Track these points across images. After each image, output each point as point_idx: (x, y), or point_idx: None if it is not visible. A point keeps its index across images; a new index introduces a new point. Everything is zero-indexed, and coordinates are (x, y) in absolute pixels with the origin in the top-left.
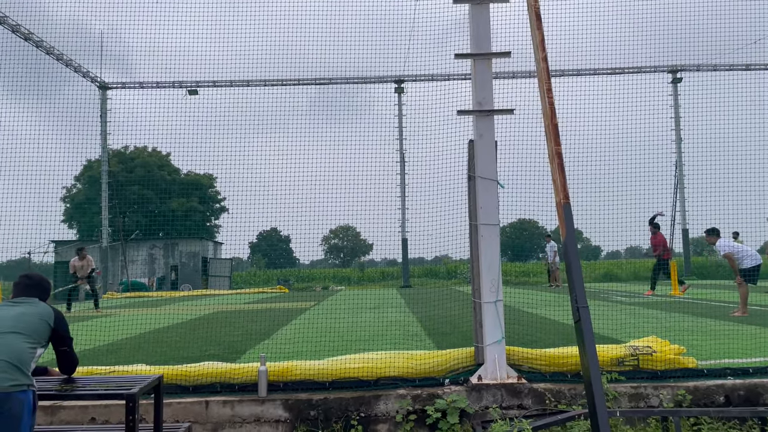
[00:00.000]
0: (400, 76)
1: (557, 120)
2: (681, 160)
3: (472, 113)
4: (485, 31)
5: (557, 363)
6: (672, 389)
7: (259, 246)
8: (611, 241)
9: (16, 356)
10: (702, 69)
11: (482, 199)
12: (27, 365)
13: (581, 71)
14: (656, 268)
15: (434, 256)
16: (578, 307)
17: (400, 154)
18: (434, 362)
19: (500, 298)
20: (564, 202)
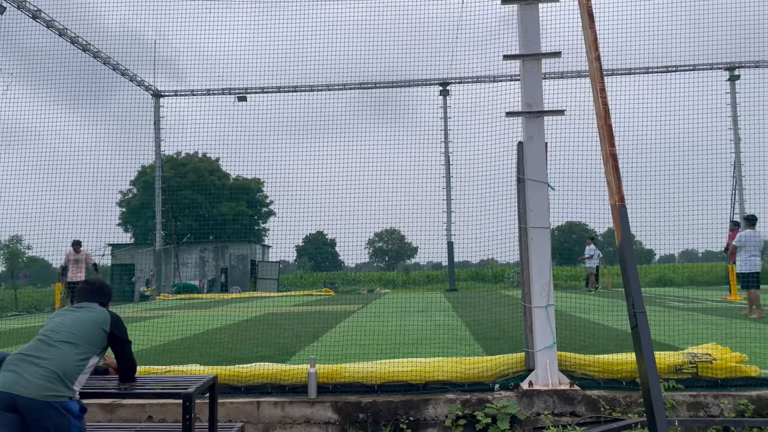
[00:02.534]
0: (446, 79)
1: (611, 120)
2: (739, 160)
3: (521, 115)
4: (534, 31)
5: (611, 370)
6: (733, 398)
7: (306, 249)
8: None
9: (63, 368)
10: (762, 65)
11: (532, 202)
12: (72, 377)
13: (633, 70)
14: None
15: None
16: (635, 312)
17: (445, 157)
18: (483, 367)
19: (551, 302)
20: (619, 205)
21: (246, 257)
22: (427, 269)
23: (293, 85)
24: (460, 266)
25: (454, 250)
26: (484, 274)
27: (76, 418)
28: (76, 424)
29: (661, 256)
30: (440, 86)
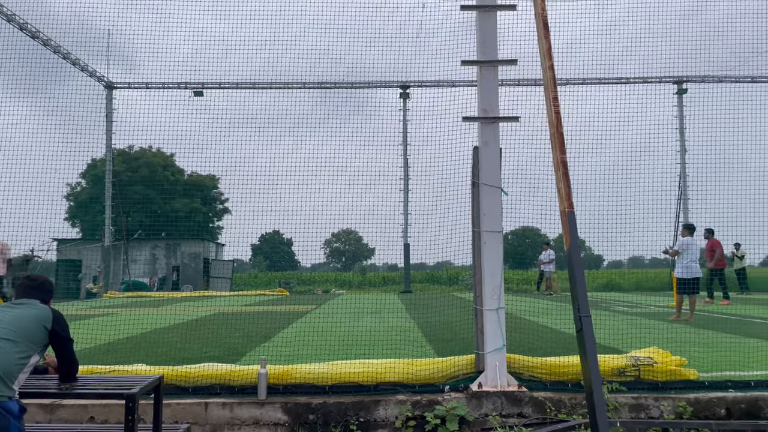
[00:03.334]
0: (406, 82)
1: (563, 128)
2: (685, 171)
3: (477, 120)
4: (492, 38)
5: (558, 372)
6: (673, 401)
7: (261, 248)
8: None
9: (3, 366)
10: (707, 80)
11: (485, 206)
12: (12, 376)
13: (587, 80)
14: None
15: (436, 261)
16: (581, 316)
17: (403, 160)
18: (434, 369)
19: (502, 305)
20: (568, 211)
21: (199, 255)
22: (384, 270)
23: (252, 81)
24: (417, 268)
25: (411, 252)
26: (439, 276)
27: (15, 418)
28: (15, 424)
29: (610, 262)
30: (400, 89)
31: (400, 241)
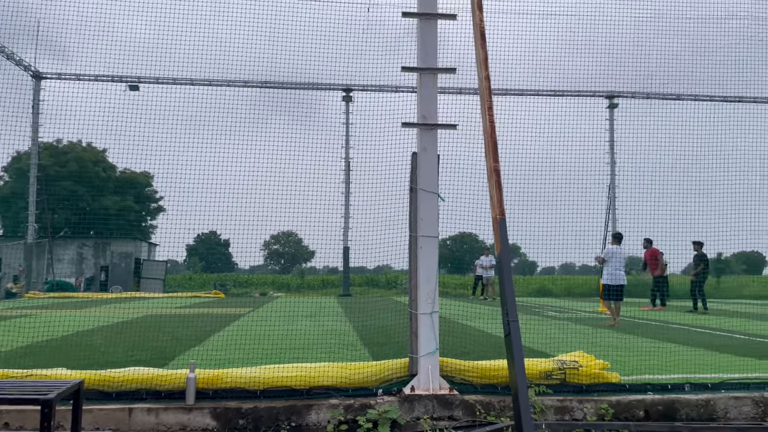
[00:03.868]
0: (349, 85)
1: (497, 137)
2: (614, 182)
3: (416, 126)
4: (432, 45)
5: (488, 375)
6: (596, 403)
7: (197, 249)
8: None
9: None
10: (636, 96)
11: (423, 211)
12: None
13: (524, 91)
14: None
15: (376, 265)
16: (509, 321)
17: (345, 163)
18: (368, 372)
19: (436, 309)
20: (500, 218)
21: (130, 255)
22: (324, 274)
23: (190, 78)
24: (357, 271)
25: (351, 255)
26: (379, 280)
27: None
28: None
29: (543, 268)
30: (343, 92)
31: (341, 244)
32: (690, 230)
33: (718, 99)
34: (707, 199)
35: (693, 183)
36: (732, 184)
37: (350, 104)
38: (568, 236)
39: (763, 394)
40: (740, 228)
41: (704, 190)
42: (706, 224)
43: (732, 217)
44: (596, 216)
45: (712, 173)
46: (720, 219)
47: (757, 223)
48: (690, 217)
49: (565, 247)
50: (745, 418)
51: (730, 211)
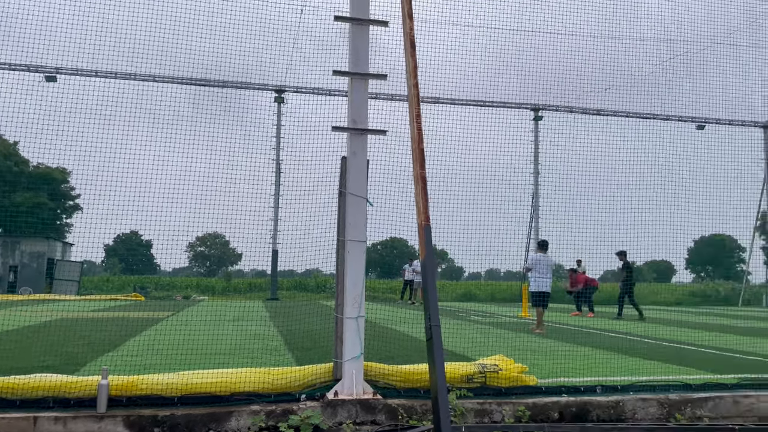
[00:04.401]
0: (281, 86)
1: (423, 145)
2: (537, 191)
3: (346, 130)
4: (364, 51)
5: (411, 379)
6: (514, 405)
7: (116, 250)
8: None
9: None
10: (560, 110)
11: (351, 216)
12: None
13: (455, 101)
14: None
15: (305, 269)
16: (431, 325)
17: (276, 164)
18: (292, 377)
19: (362, 314)
20: (425, 224)
21: (42, 255)
22: (251, 277)
23: (114, 71)
24: (285, 275)
25: (280, 258)
26: (308, 283)
27: None
28: None
29: (470, 274)
30: (275, 93)
31: (269, 246)
32: (608, 240)
33: (633, 115)
34: (622, 210)
35: (610, 195)
36: (644, 197)
37: (282, 106)
38: (493, 243)
39: (667, 395)
40: (651, 239)
41: (620, 202)
42: (622, 234)
43: (644, 228)
44: (521, 224)
45: (627, 186)
46: (633, 230)
47: (666, 234)
48: (607, 228)
49: (491, 254)
50: (651, 418)
51: (641, 222)
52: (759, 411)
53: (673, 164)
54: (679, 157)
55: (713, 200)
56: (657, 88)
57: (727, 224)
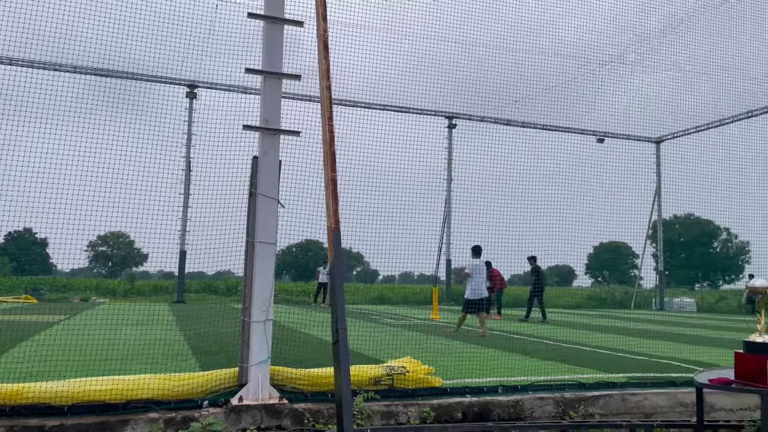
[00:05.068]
0: (194, 81)
1: (335, 148)
2: (450, 197)
3: (258, 130)
4: (278, 50)
5: (319, 383)
6: (419, 407)
7: (7, 248)
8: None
9: None
10: (473, 119)
11: (261, 217)
12: None
13: (371, 105)
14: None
15: (216, 271)
16: (338, 329)
17: (186, 162)
18: (194, 383)
19: (270, 317)
20: (334, 228)
21: None
22: (158, 278)
23: (9, 56)
24: (195, 277)
25: (189, 259)
26: (218, 286)
27: None
28: None
29: (384, 276)
30: (188, 88)
31: (178, 247)
32: (515, 245)
33: (540, 127)
34: (530, 218)
35: (518, 203)
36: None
37: (195, 101)
38: (407, 246)
39: (563, 394)
40: (555, 244)
41: (527, 209)
42: (529, 240)
43: (549, 235)
44: (434, 228)
45: (534, 194)
46: (540, 236)
47: (569, 241)
48: (515, 234)
49: (405, 257)
50: (548, 416)
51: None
52: (645, 408)
53: (576, 174)
54: (581, 168)
55: (611, 209)
56: (562, 102)
57: (623, 232)
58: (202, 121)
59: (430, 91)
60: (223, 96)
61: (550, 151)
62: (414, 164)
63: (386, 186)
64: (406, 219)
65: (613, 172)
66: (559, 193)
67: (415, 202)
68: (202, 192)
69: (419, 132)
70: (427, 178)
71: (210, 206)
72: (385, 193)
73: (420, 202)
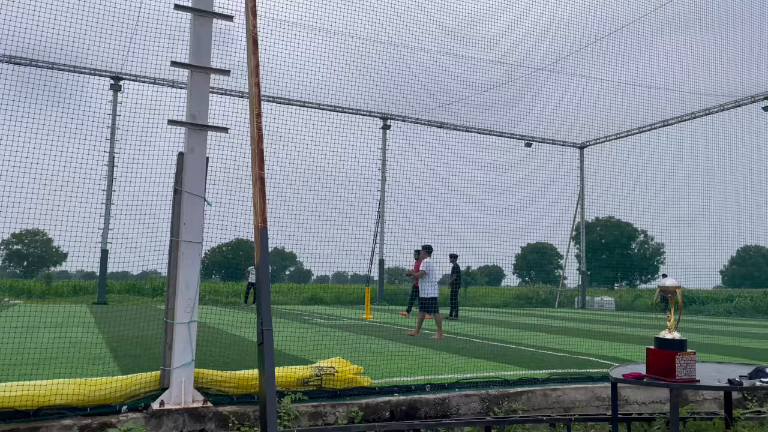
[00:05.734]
0: (119, 73)
1: (263, 146)
2: (384, 197)
3: (184, 125)
4: (206, 43)
5: (245, 385)
6: (347, 407)
7: None
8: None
9: None
10: (407, 120)
11: (187, 215)
12: None
13: (307, 103)
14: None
15: (141, 270)
16: (263, 329)
17: (109, 157)
18: (112, 388)
19: (195, 318)
20: (261, 227)
21: None
22: (78, 278)
23: None
24: (119, 277)
25: (113, 259)
26: (143, 286)
27: None
28: None
29: (318, 276)
30: (112, 80)
31: (99, 246)
32: (447, 245)
33: (472, 130)
34: (461, 218)
35: (450, 204)
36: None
37: (120, 94)
38: (341, 246)
39: (488, 391)
40: (485, 245)
41: (459, 210)
42: (459, 240)
43: (479, 235)
44: (368, 228)
45: (465, 196)
46: (470, 236)
47: (498, 241)
48: (446, 234)
49: (339, 257)
50: (473, 413)
51: (477, 229)
52: (564, 402)
53: (505, 177)
54: (510, 171)
55: (538, 211)
56: (493, 106)
57: (549, 233)
58: (127, 116)
59: (365, 91)
60: (150, 90)
61: (480, 154)
62: (349, 164)
63: (321, 185)
64: (340, 219)
65: (540, 175)
66: (489, 195)
67: (350, 202)
68: (127, 189)
69: (354, 132)
70: (362, 178)
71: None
72: (319, 193)
73: (354, 201)
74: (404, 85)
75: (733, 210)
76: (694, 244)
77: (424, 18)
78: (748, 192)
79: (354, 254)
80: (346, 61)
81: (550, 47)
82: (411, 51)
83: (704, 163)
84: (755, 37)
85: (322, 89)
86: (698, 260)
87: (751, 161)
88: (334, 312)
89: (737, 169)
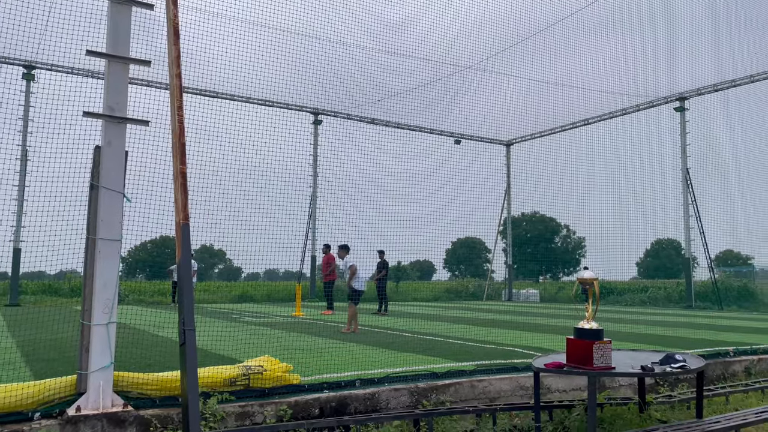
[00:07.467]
0: (32, 62)
1: (185, 139)
2: (316, 194)
3: (101, 117)
4: (125, 32)
5: (169, 387)
6: (276, 405)
7: None
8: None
9: None
10: (339, 116)
11: (104, 212)
12: None
13: (236, 96)
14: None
15: (58, 270)
16: (185, 329)
17: (22, 150)
18: (23, 394)
19: (113, 320)
20: (183, 223)
21: None
22: None
23: None
24: (34, 277)
25: (27, 258)
26: (60, 287)
27: None
28: None
29: (248, 274)
30: (23, 69)
31: (11, 244)
32: (378, 241)
33: (404, 126)
34: (392, 214)
35: (381, 199)
36: (411, 202)
37: (33, 84)
38: (272, 243)
39: (417, 384)
40: (416, 240)
41: (390, 206)
42: (391, 236)
43: (410, 230)
44: (299, 224)
45: (397, 192)
46: (401, 232)
47: (429, 236)
48: (377, 230)
49: (269, 254)
50: (402, 407)
51: (408, 225)
52: (490, 393)
53: (435, 173)
54: (440, 168)
55: (467, 206)
56: (423, 103)
57: (477, 228)
58: (41, 107)
59: (296, 86)
60: (66, 80)
61: (412, 151)
62: (280, 159)
63: (251, 181)
64: (271, 215)
65: (469, 172)
66: (420, 191)
67: (281, 198)
68: (42, 184)
69: (285, 127)
70: (293, 174)
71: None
72: (249, 189)
73: (285, 197)
74: (336, 80)
75: (647, 205)
76: (612, 237)
77: (356, 14)
78: (661, 188)
79: (285, 251)
80: (276, 55)
81: (478, 46)
82: (343, 47)
83: (622, 161)
84: (668, 40)
85: (251, 83)
86: (616, 253)
87: (664, 159)
88: (265, 310)
89: (651, 167)
